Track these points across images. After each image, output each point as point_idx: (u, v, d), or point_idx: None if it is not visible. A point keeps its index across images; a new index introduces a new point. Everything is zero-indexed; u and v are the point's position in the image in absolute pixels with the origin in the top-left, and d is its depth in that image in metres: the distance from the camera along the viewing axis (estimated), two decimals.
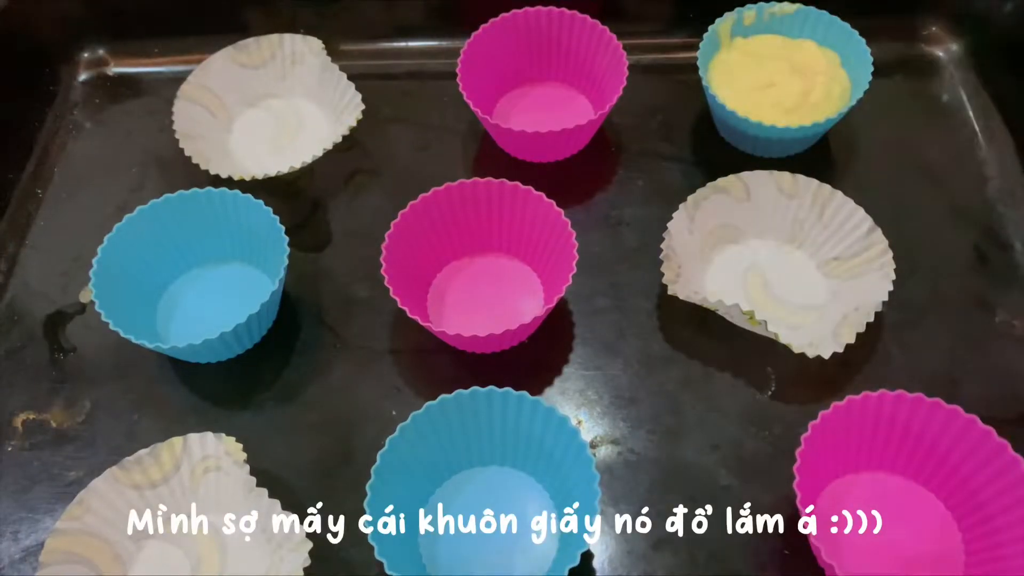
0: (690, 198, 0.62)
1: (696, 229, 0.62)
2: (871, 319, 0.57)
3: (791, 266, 0.63)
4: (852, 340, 0.57)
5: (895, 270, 0.59)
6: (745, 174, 0.63)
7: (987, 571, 0.50)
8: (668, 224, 0.61)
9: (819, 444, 0.51)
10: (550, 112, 0.72)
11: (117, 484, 0.52)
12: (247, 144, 0.71)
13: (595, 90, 0.71)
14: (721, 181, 0.63)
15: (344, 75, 0.70)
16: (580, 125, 0.64)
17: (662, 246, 0.60)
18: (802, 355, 0.57)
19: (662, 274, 0.59)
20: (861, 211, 0.61)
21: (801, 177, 0.63)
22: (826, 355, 0.56)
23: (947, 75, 0.75)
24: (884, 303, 0.58)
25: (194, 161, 0.66)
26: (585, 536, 0.47)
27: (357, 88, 0.70)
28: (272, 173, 0.65)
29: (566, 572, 0.46)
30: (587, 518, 0.48)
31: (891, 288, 0.58)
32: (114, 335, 0.56)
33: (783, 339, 0.56)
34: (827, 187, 0.62)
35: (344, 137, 0.68)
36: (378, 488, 0.49)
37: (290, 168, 0.66)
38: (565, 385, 0.59)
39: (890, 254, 0.59)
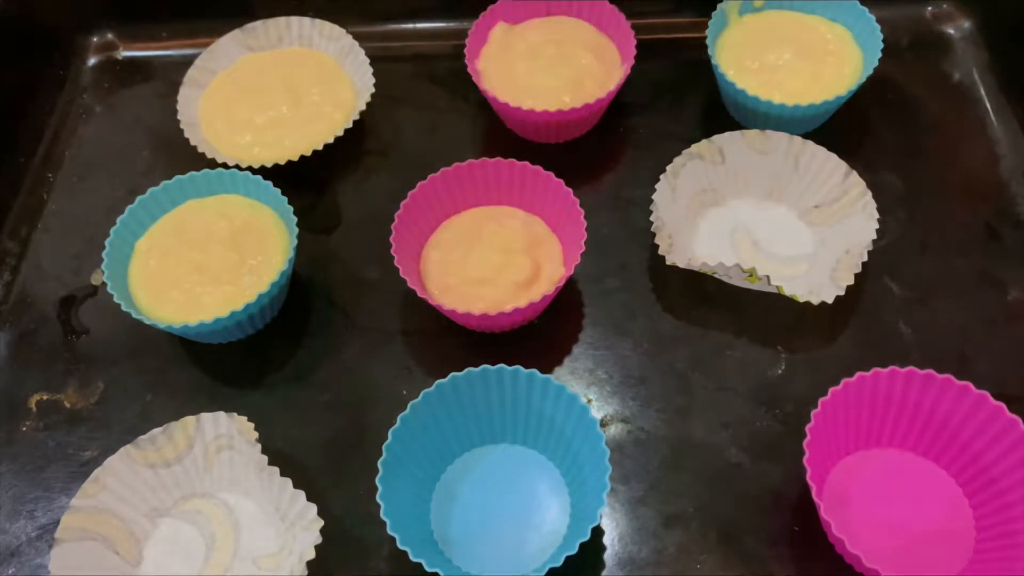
0: (669, 167, 0.62)
1: (679, 197, 0.63)
2: (865, 259, 0.58)
3: (775, 220, 0.64)
4: (851, 282, 0.57)
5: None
6: (716, 137, 0.63)
7: (998, 547, 0.50)
8: (653, 196, 0.61)
9: (829, 420, 0.51)
10: None
11: (132, 462, 0.53)
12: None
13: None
14: (695, 147, 0.63)
15: (367, 59, 0.70)
16: (589, 105, 0.64)
17: (651, 218, 0.61)
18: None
19: (656, 246, 0.60)
20: (835, 157, 0.62)
21: (772, 132, 0.63)
22: (829, 300, 0.57)
23: (958, 53, 0.74)
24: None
25: (200, 150, 0.66)
26: (596, 512, 0.48)
27: None
28: (282, 162, 0.65)
29: (577, 548, 0.47)
30: (598, 495, 0.48)
31: (877, 227, 0.59)
32: (126, 317, 0.56)
33: (787, 292, 0.57)
34: (798, 139, 0.62)
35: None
36: (389, 465, 0.49)
37: (300, 156, 0.66)
38: (575, 364, 0.60)
39: (869, 194, 0.60)
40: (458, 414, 0.53)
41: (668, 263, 0.59)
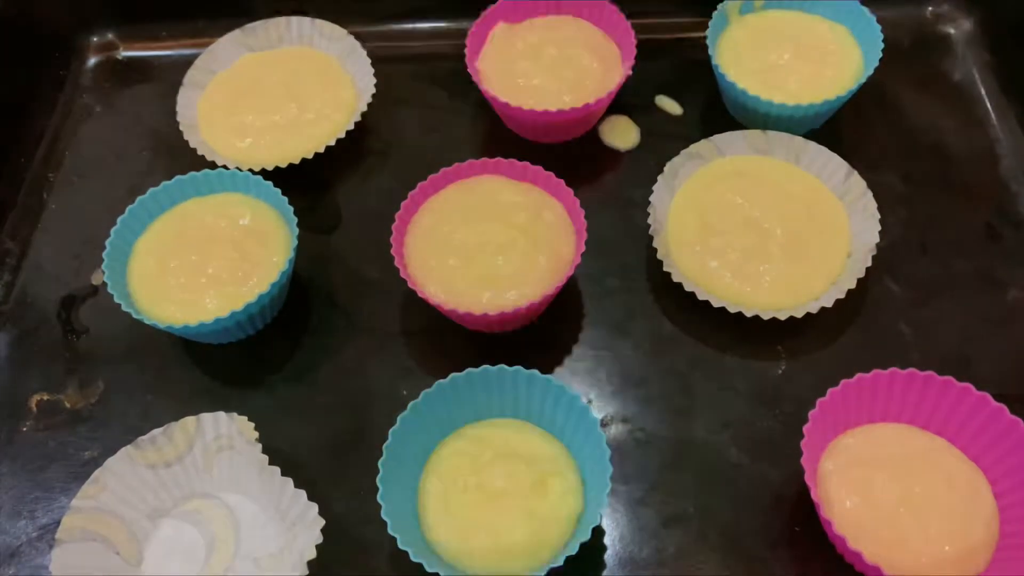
0: (667, 167, 0.62)
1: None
2: (869, 263, 0.57)
3: None
4: (852, 285, 0.57)
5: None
6: (716, 137, 0.63)
7: (996, 547, 0.50)
8: (650, 197, 0.61)
9: (828, 420, 0.51)
10: None
11: (132, 463, 0.53)
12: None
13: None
14: (695, 147, 0.63)
15: (369, 60, 0.70)
16: (589, 105, 0.64)
17: (649, 220, 0.60)
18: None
19: (655, 250, 0.59)
20: (836, 157, 0.61)
21: (772, 132, 0.63)
22: (829, 304, 0.57)
23: (959, 53, 0.74)
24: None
25: (199, 153, 0.66)
26: (597, 512, 0.48)
27: None
28: (283, 164, 0.65)
29: (578, 548, 0.47)
30: (598, 495, 0.48)
31: (879, 228, 0.59)
32: (126, 317, 0.56)
33: (783, 317, 0.56)
34: (798, 139, 0.62)
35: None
36: (390, 464, 0.49)
37: (302, 159, 0.66)
38: (575, 365, 0.60)
39: (870, 194, 0.60)
40: (458, 414, 0.53)
41: (665, 269, 0.59)
